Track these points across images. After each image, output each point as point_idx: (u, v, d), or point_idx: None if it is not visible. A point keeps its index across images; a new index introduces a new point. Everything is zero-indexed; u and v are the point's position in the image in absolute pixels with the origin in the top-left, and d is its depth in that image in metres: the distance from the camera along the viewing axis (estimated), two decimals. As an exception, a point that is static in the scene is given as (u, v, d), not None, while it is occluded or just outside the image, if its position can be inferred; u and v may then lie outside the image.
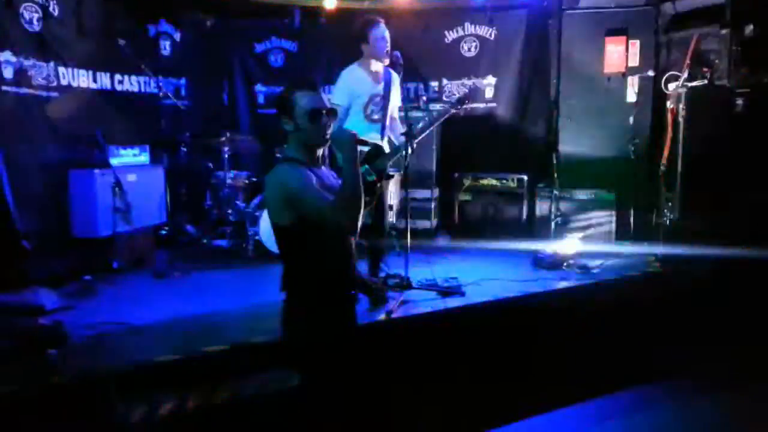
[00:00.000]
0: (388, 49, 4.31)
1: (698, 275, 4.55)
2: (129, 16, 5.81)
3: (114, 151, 5.09)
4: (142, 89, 5.95)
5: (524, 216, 6.16)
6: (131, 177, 5.10)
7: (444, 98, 6.55)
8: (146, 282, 4.84)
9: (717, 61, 5.21)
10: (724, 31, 5.13)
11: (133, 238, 5.01)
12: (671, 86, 5.22)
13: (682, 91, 4.98)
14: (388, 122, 4.43)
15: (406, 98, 6.34)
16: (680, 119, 4.93)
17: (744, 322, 4.27)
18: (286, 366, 2.53)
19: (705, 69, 5.00)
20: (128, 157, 5.28)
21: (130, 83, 5.84)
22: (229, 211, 5.73)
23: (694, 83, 5.00)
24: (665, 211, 5.12)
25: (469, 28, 6.79)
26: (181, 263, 5.10)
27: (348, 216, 2.29)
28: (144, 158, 5.44)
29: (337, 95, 4.36)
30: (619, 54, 5.88)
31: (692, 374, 4.02)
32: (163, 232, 5.57)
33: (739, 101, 4.85)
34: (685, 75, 5.06)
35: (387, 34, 4.30)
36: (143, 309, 4.12)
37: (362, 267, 4.67)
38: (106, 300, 4.32)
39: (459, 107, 4.25)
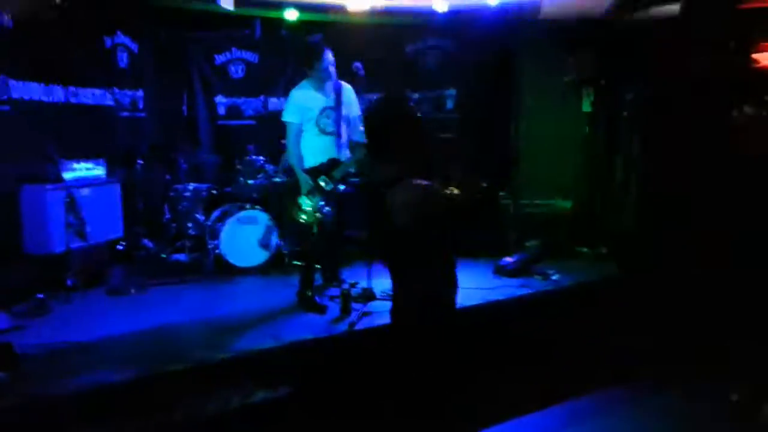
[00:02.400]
0: (332, 73, 4.35)
1: (652, 279, 4.66)
2: (83, 28, 5.67)
3: (68, 165, 4.96)
4: (98, 101, 5.81)
5: (487, 224, 6.20)
6: (86, 191, 4.97)
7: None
8: (102, 299, 4.72)
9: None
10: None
11: (87, 254, 4.88)
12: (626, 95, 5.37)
13: (636, 99, 5.13)
14: (343, 132, 4.44)
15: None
16: (635, 128, 5.07)
17: (698, 322, 4.40)
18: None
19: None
20: (83, 170, 5.14)
21: (85, 95, 5.69)
22: (189, 225, 5.63)
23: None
24: (622, 217, 5.24)
25: (431, 40, 6.86)
26: (138, 279, 4.98)
27: None
28: (99, 172, 5.31)
29: (288, 114, 4.43)
30: (576, 64, 6.02)
31: (650, 375, 4.10)
32: (120, 247, 5.43)
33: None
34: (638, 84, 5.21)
35: (332, 62, 4.34)
36: (99, 327, 4.01)
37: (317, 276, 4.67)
38: (60, 319, 4.20)
39: None
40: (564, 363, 3.97)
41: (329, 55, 4.34)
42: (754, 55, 5.25)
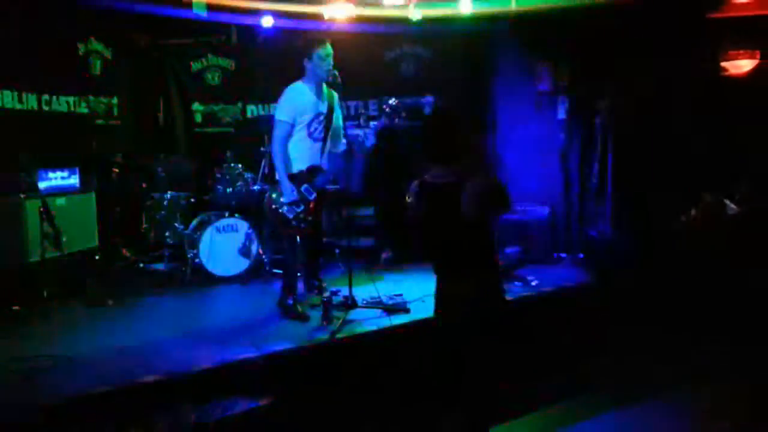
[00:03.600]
0: (331, 69, 4.31)
1: (625, 286, 4.75)
2: (56, 35, 5.59)
3: (42, 174, 4.88)
4: (72, 109, 5.72)
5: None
6: (60, 201, 4.91)
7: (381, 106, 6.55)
8: (78, 310, 4.63)
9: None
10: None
11: (63, 265, 4.79)
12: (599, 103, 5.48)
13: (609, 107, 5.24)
14: (329, 141, 4.44)
15: (346, 116, 6.37)
16: (608, 135, 5.18)
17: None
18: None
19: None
20: (57, 179, 5.08)
21: (59, 104, 5.61)
22: (167, 234, 5.57)
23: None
24: (598, 223, 5.33)
25: (407, 47, 6.91)
26: (115, 289, 4.91)
27: None
28: (74, 181, 5.23)
29: (281, 112, 4.31)
30: (552, 73, 6.11)
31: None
32: (96, 257, 5.34)
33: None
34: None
35: (331, 55, 4.30)
36: (76, 339, 3.95)
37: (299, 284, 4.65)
38: (36, 330, 4.12)
39: (393, 118, 4.29)
40: (540, 368, 4.01)
41: (329, 47, 4.27)
42: (723, 64, 5.41)
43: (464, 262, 2.86)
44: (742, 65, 5.38)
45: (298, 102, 4.30)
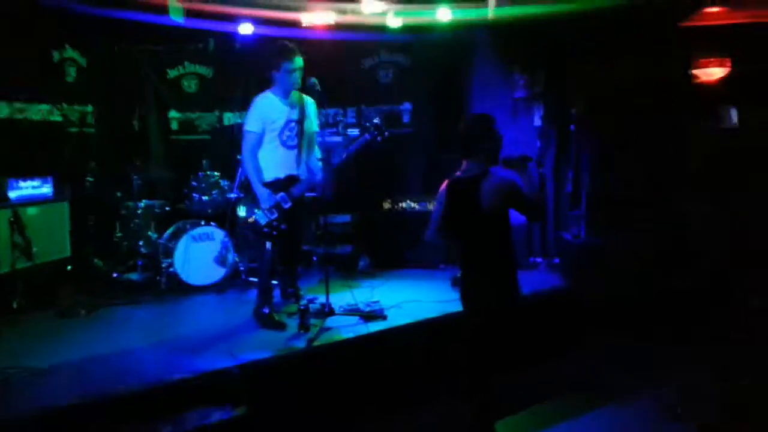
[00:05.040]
0: (298, 81, 4.28)
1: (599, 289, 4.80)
2: (30, 41, 5.50)
3: (13, 183, 4.80)
4: (45, 117, 5.63)
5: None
6: (32, 210, 4.84)
7: (363, 123, 6.61)
8: (50, 321, 4.55)
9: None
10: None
11: (34, 275, 4.70)
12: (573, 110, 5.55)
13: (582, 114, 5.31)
14: (304, 148, 4.41)
15: (324, 124, 6.37)
16: (582, 141, 5.24)
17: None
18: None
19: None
20: (29, 189, 5.00)
21: (32, 112, 5.52)
22: (141, 243, 5.50)
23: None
24: (572, 229, 5.39)
25: (386, 55, 6.93)
26: (88, 300, 4.83)
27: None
28: (46, 190, 5.15)
29: (249, 122, 4.29)
30: (527, 81, 6.17)
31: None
32: (69, 267, 5.25)
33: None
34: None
35: (300, 66, 4.26)
36: (47, 350, 3.88)
37: (275, 293, 4.62)
38: (7, 342, 4.04)
39: (377, 135, 4.29)
40: (520, 373, 4.03)
41: (299, 59, 4.25)
42: (695, 71, 5.51)
43: (482, 253, 3.12)
44: (713, 73, 5.48)
45: (266, 112, 4.28)
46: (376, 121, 4.32)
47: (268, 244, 4.29)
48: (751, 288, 4.72)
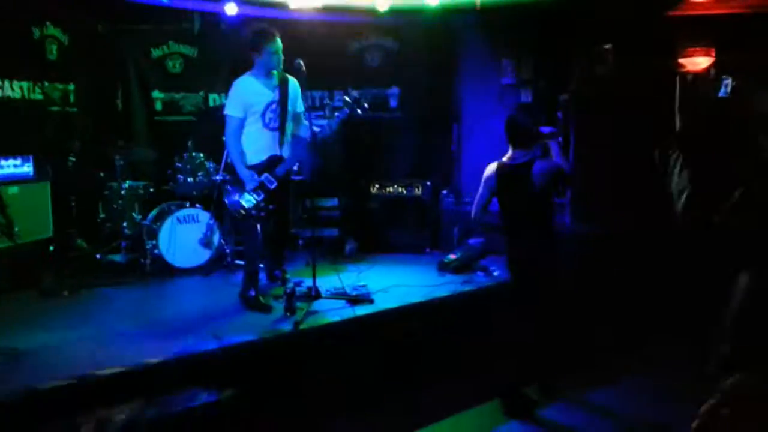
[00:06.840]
0: (280, 63, 4.29)
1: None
2: (9, 18, 5.37)
3: (-8, 162, 4.71)
4: (26, 95, 5.52)
5: (429, 222, 6.28)
6: (13, 189, 4.77)
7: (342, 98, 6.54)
8: (32, 302, 4.50)
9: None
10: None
11: (16, 256, 4.63)
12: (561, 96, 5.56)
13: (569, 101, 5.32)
14: (287, 128, 4.39)
15: (311, 107, 6.31)
16: (569, 128, 5.26)
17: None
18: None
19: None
20: (10, 168, 4.91)
21: (11, 89, 5.40)
22: (125, 224, 5.44)
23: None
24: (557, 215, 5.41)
25: (374, 38, 6.88)
26: (70, 281, 4.77)
27: None
28: (27, 169, 5.06)
29: (230, 107, 4.29)
30: (515, 67, 6.17)
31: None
32: (51, 247, 5.18)
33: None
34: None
35: (280, 49, 4.27)
36: (29, 332, 3.83)
37: (261, 275, 4.61)
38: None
39: (356, 107, 4.31)
40: (504, 357, 4.05)
41: (279, 42, 4.25)
42: (681, 60, 5.53)
43: (532, 222, 3.76)
44: (698, 62, 5.52)
45: (246, 95, 4.28)
46: (354, 94, 4.36)
47: (258, 227, 4.27)
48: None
